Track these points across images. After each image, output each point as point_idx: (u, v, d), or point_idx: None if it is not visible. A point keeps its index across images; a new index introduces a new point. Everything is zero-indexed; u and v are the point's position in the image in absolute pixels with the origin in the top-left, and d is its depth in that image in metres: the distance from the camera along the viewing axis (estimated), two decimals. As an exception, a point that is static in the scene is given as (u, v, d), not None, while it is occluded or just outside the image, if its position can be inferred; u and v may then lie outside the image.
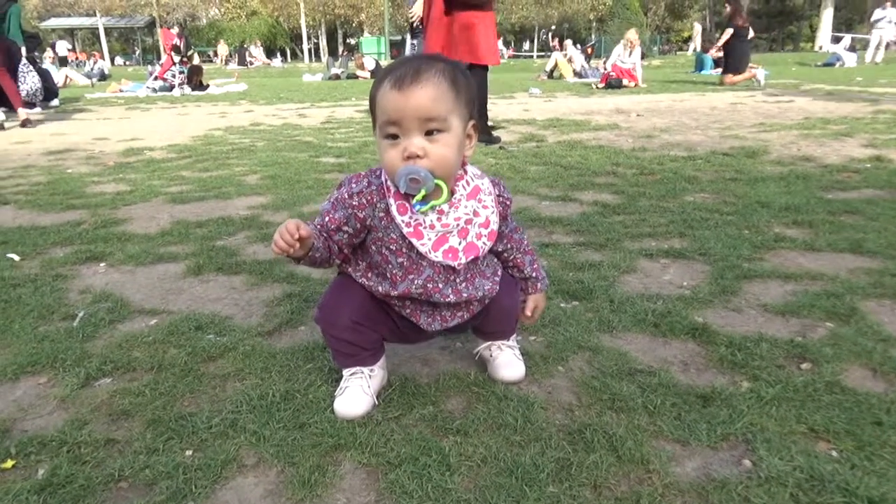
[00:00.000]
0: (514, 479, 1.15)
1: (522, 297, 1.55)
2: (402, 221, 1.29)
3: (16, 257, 2.52)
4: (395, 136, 1.23)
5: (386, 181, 1.31)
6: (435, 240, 1.31)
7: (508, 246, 1.49)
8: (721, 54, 12.58)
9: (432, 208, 1.27)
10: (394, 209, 1.30)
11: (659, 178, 3.78)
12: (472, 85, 1.29)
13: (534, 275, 1.53)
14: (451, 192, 1.31)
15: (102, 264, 2.44)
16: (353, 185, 1.32)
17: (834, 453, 1.22)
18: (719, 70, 13.34)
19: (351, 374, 1.42)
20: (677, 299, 1.96)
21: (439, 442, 1.27)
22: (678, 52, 41.33)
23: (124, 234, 2.82)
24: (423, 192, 1.23)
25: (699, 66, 16.71)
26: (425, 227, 1.30)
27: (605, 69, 12.53)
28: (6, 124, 7.04)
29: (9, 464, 1.23)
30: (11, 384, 1.55)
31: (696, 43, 11.45)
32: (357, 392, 1.38)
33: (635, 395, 1.42)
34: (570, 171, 4.06)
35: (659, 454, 1.22)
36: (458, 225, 1.32)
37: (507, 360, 1.52)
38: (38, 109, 9.20)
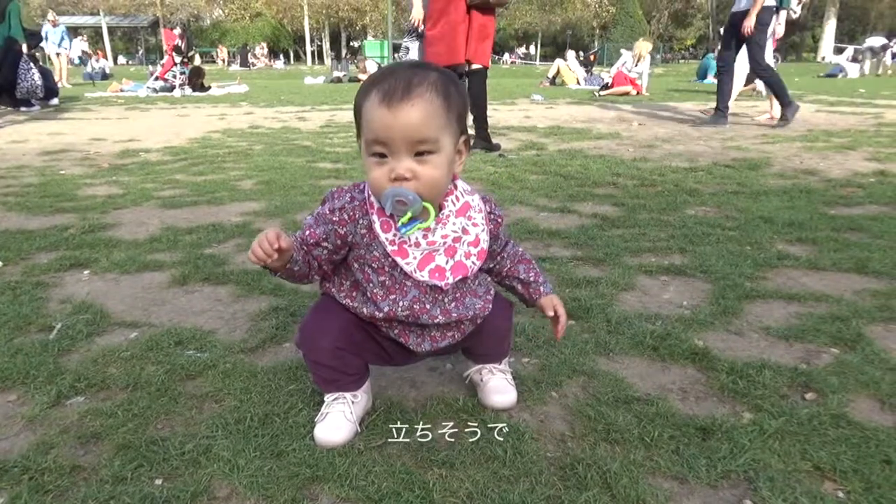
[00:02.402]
0: (500, 519, 1.08)
1: (529, 305, 1.49)
2: (386, 239, 1.23)
3: (-2, 263, 2.45)
4: (381, 155, 1.16)
5: (370, 197, 1.24)
6: (420, 258, 1.24)
7: (500, 259, 1.43)
8: None
9: (418, 230, 1.21)
10: (377, 226, 1.23)
11: (660, 189, 3.72)
12: (465, 97, 1.23)
13: (532, 279, 1.45)
14: (440, 209, 1.25)
15: (86, 272, 2.37)
16: (336, 201, 1.26)
17: (840, 494, 1.15)
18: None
19: (333, 399, 1.34)
20: (677, 320, 1.89)
21: (423, 475, 1.20)
22: (682, 61, 41.36)
23: (111, 240, 2.75)
24: (409, 215, 1.17)
25: (703, 74, 16.66)
26: (410, 245, 1.23)
27: (607, 79, 12.47)
28: None
29: (-34, 492, 1.16)
30: (-21, 402, 1.48)
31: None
32: (338, 418, 1.31)
33: (631, 426, 1.35)
34: (569, 180, 4.00)
35: (656, 493, 1.15)
36: (445, 243, 1.25)
37: (497, 385, 1.45)
38: (36, 108, 9.15)
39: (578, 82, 14.69)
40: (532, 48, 48.96)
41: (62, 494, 1.16)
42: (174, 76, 12.90)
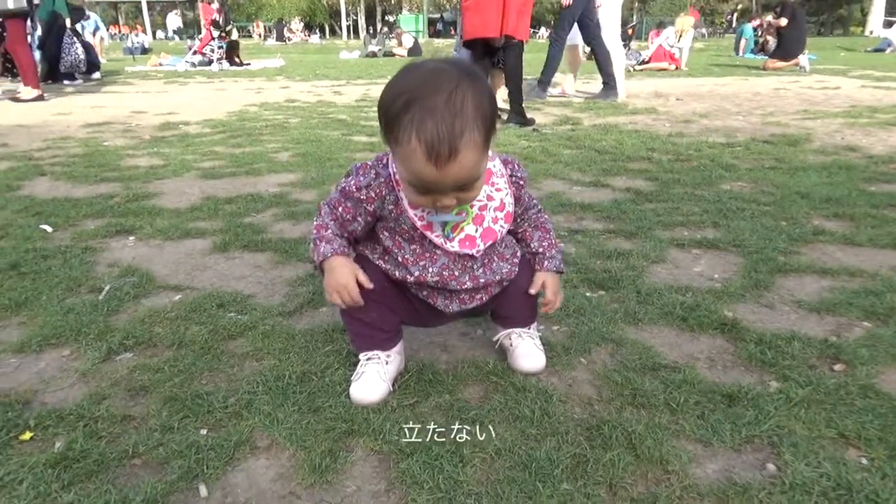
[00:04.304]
0: (527, 474, 1.13)
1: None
2: (415, 215, 1.27)
3: (48, 228, 2.56)
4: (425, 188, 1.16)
5: (394, 174, 1.26)
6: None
7: (519, 221, 1.45)
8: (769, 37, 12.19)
9: (457, 228, 1.29)
10: (405, 202, 1.26)
11: (695, 164, 3.68)
12: (494, 103, 1.18)
13: (540, 251, 1.46)
14: None
15: (132, 238, 2.46)
16: (361, 178, 1.28)
17: (864, 461, 1.16)
18: (762, 54, 12.94)
19: (367, 360, 1.40)
20: (707, 292, 1.90)
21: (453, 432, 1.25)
22: (724, 35, 40.20)
23: (155, 209, 2.84)
24: (450, 224, 1.27)
25: (738, 43, 16.21)
26: None
27: (645, 55, 12.22)
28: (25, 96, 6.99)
29: (27, 436, 1.25)
30: (35, 356, 1.57)
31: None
32: (373, 378, 1.37)
33: (658, 392, 1.38)
34: (603, 155, 3.97)
35: (679, 454, 1.18)
36: (472, 213, 1.28)
37: (527, 350, 1.48)
38: (79, 81, 9.37)
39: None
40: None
41: (114, 440, 1.24)
42: (212, 50, 13.03)
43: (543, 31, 41.56)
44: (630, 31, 19.52)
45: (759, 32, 16.17)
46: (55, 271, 2.08)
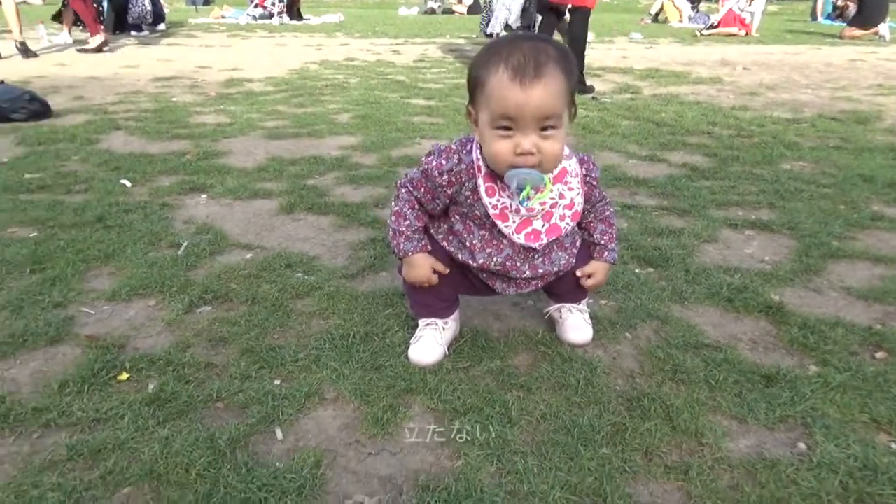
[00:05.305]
0: (570, 438, 1.23)
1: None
2: (490, 203, 1.33)
3: (128, 183, 2.74)
4: (506, 128, 1.22)
5: (477, 160, 1.33)
6: (519, 223, 1.36)
7: (585, 213, 1.50)
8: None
9: (537, 201, 1.32)
10: (482, 189, 1.33)
11: (756, 141, 3.63)
12: (576, 68, 1.28)
13: (602, 242, 1.53)
14: None
15: (204, 196, 2.62)
16: (444, 162, 1.34)
17: (893, 445, 1.22)
18: (840, 20, 12.30)
19: (426, 325, 1.51)
20: (756, 274, 1.94)
21: (503, 395, 1.35)
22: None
23: (224, 167, 3.00)
24: (528, 188, 1.26)
25: (815, 7, 15.40)
26: (511, 211, 1.34)
27: (714, 18, 11.77)
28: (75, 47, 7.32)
29: (124, 376, 1.41)
30: (125, 304, 1.74)
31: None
32: (430, 342, 1.48)
33: (698, 369, 1.45)
34: (662, 128, 3.95)
35: (714, 428, 1.26)
36: (542, 209, 1.35)
37: (575, 323, 1.57)
38: (145, 33, 9.62)
39: (681, 20, 13.95)
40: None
41: (200, 385, 1.39)
42: (273, 4, 13.14)
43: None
44: (699, -7, 18.75)
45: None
46: (137, 226, 2.25)
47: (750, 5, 11.39)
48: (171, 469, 1.14)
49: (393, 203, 1.45)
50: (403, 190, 1.42)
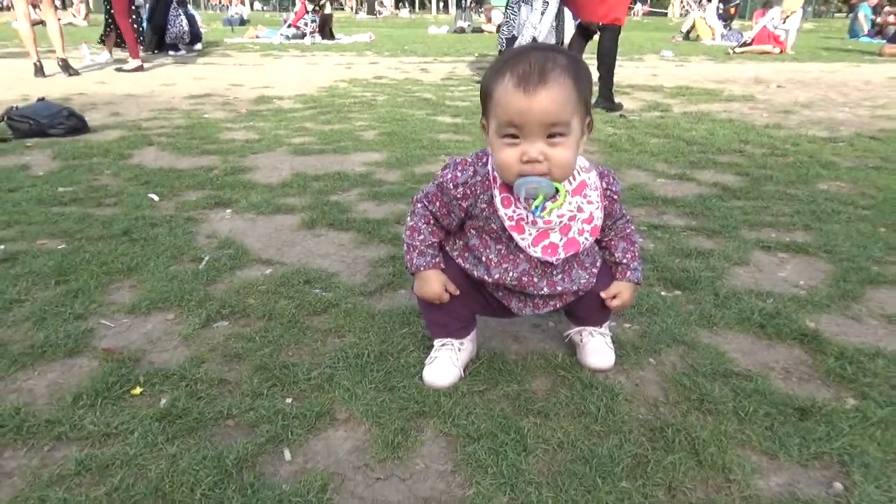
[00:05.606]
0: (588, 469, 1.17)
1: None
2: (505, 215, 1.30)
3: (155, 198, 2.76)
4: (513, 136, 1.20)
5: (492, 171, 1.30)
6: (536, 235, 1.31)
7: (606, 231, 1.46)
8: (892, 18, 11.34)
9: (550, 211, 1.28)
10: (497, 201, 1.30)
11: (791, 160, 3.53)
12: (591, 79, 1.26)
13: (624, 261, 1.47)
14: None
15: (228, 210, 2.63)
16: (459, 174, 1.32)
17: (940, 488, 1.14)
18: (880, 38, 12.04)
19: (441, 345, 1.47)
20: (790, 300, 1.86)
21: (519, 421, 1.30)
22: (836, 15, 37.60)
23: (249, 183, 3.01)
24: (541, 198, 1.23)
25: (853, 27, 15.11)
26: (527, 223, 1.30)
27: (747, 36, 11.63)
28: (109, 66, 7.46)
29: (137, 390, 1.40)
30: (144, 317, 1.73)
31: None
32: (446, 363, 1.44)
33: (727, 399, 1.38)
34: (692, 146, 3.87)
35: (742, 464, 1.19)
36: (560, 222, 1.31)
37: (596, 347, 1.51)
38: (182, 52, 9.84)
39: (714, 37, 13.82)
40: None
41: (212, 401, 1.37)
42: (306, 24, 13.37)
43: (638, 7, 40.09)
44: (732, 10, 18.62)
45: (877, 13, 15.05)
46: (161, 239, 2.26)
47: (784, 22, 11.23)
48: (177, 488, 1.11)
49: (409, 218, 1.42)
50: (419, 205, 1.39)
